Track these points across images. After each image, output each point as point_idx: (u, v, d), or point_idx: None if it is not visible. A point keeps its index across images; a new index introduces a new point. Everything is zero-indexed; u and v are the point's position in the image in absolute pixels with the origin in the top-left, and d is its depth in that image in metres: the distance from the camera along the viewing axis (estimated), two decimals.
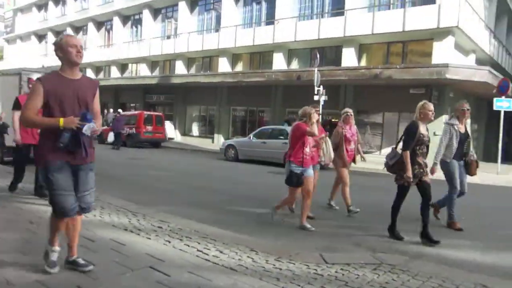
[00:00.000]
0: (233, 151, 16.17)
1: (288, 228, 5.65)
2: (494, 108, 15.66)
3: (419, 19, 17.64)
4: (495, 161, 15.37)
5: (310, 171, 5.63)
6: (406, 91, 17.35)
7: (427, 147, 5.19)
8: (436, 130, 17.03)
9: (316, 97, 16.79)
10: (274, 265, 3.70)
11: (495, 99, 15.57)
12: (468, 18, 18.25)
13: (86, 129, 2.95)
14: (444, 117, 17.01)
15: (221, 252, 3.97)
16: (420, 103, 5.28)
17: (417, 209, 5.17)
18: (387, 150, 18.12)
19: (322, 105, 16.78)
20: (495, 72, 16.69)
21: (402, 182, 5.12)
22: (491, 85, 15.61)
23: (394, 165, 5.20)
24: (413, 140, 5.06)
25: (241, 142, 16.63)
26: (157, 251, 3.87)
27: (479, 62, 20.93)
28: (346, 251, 4.59)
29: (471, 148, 6.05)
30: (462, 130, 5.88)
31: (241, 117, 25.58)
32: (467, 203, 5.23)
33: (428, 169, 5.24)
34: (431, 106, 5.20)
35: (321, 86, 16.83)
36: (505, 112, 15.60)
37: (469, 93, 17.59)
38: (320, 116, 16.45)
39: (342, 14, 20.42)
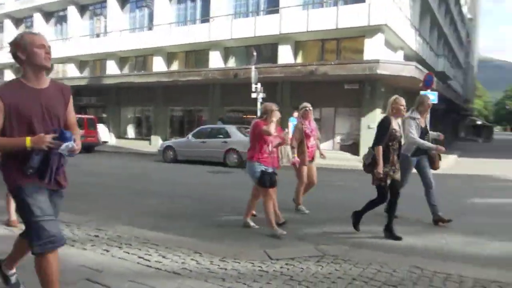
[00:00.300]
0: (171, 152, 15.66)
1: (232, 228, 5.49)
2: None
3: (351, 17, 18.28)
4: None
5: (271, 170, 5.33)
6: (341, 87, 17.90)
7: (399, 143, 5.08)
8: (370, 124, 17.77)
9: (254, 95, 16.80)
10: (219, 265, 3.66)
11: (421, 92, 16.46)
12: (396, 16, 19.21)
13: (64, 148, 2.41)
14: (378, 111, 17.76)
15: (163, 257, 3.83)
16: (392, 98, 5.14)
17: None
18: (325, 145, 18.82)
19: (261, 102, 16.80)
20: (420, 67, 17.72)
21: (378, 183, 4.97)
22: (418, 79, 16.49)
23: (370, 164, 5.01)
24: (386, 135, 4.93)
25: (179, 142, 16.16)
26: (94, 261, 3.63)
27: (407, 58, 22.16)
28: (290, 246, 4.57)
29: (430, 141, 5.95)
30: (423, 125, 5.84)
31: (179, 117, 25.01)
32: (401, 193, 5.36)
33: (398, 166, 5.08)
34: (402, 101, 5.07)
35: (259, 84, 16.84)
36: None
37: (398, 87, 18.47)
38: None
39: (277, 11, 20.61)
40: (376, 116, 17.66)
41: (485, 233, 5.35)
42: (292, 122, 14.62)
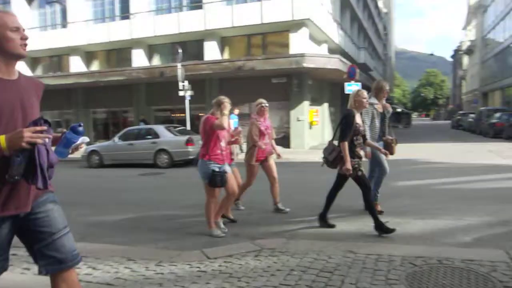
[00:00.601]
0: (97, 157, 14.72)
1: (165, 231, 5.23)
2: (346, 91, 17.19)
3: (275, 12, 18.50)
4: None
5: (227, 167, 5.01)
6: (269, 81, 18.05)
7: (363, 137, 4.95)
8: (299, 116, 18.11)
9: (181, 93, 16.39)
10: (155, 271, 3.52)
11: (346, 84, 17.12)
12: (318, 11, 19.76)
13: (79, 143, 2.19)
14: (306, 103, 18.14)
15: (94, 268, 3.62)
16: (354, 91, 4.96)
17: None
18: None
19: (189, 100, 16.43)
20: (344, 59, 18.40)
21: (355, 175, 4.76)
22: (342, 71, 17.13)
23: (335, 159, 4.80)
24: (351, 130, 4.73)
25: (105, 146, 15.22)
26: (13, 282, 3.28)
27: (331, 51, 22.93)
28: (227, 243, 4.43)
29: (387, 128, 5.90)
30: (381, 110, 5.73)
31: (102, 119, 23.78)
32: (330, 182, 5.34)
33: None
34: (365, 93, 4.92)
35: (186, 81, 16.45)
36: None
37: (324, 80, 19.05)
38: (189, 111, 16.29)
39: (200, 7, 20.29)
40: (304, 108, 18.06)
41: (410, 213, 5.63)
42: (232, 119, 14.41)
